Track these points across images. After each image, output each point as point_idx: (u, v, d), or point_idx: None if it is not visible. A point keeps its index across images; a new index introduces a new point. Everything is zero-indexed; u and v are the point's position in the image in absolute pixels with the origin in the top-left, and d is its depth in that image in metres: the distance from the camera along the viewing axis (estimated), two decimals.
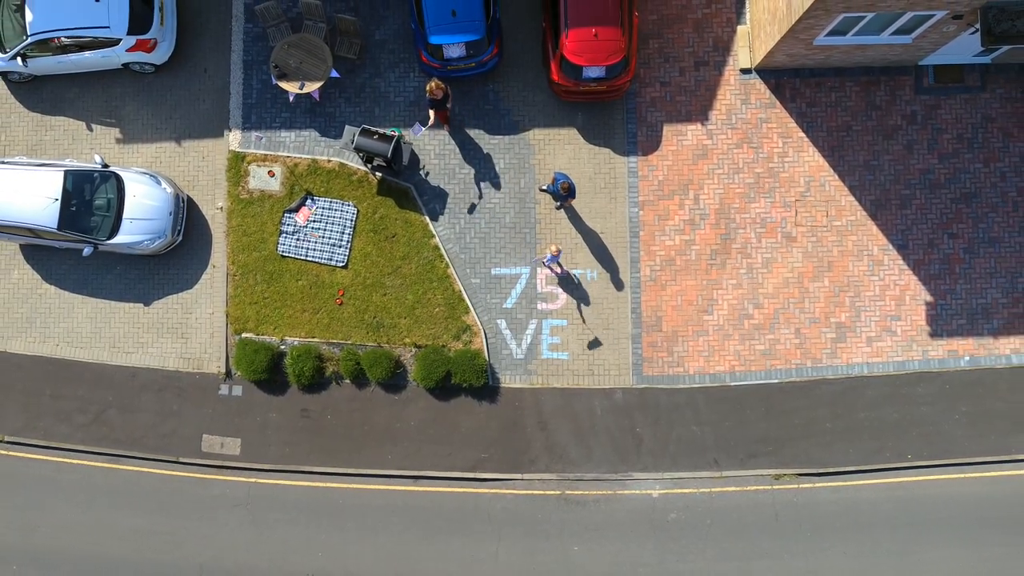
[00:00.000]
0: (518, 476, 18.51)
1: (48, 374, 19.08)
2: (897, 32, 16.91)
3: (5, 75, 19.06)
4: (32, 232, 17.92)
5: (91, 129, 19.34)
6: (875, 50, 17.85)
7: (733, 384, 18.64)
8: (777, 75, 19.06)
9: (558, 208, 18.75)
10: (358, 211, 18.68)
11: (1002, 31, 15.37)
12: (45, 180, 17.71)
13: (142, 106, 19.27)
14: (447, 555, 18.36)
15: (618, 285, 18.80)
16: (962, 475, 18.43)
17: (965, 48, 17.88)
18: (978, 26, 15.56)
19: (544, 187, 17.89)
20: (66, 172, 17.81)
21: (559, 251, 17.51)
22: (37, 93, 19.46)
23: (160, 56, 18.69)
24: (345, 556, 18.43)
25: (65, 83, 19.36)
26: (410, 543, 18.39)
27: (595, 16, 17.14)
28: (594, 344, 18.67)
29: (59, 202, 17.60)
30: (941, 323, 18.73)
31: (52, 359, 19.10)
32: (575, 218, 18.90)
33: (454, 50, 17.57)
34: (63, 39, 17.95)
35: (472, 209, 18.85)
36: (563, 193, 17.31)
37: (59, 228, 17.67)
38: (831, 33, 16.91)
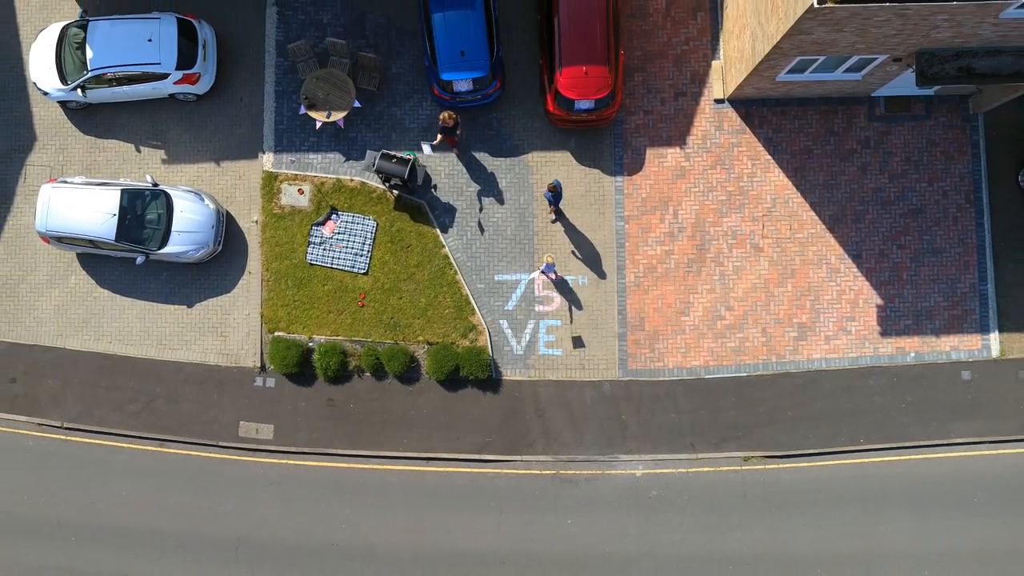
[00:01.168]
0: (518, 457, 21.00)
1: (102, 368, 21.53)
2: (848, 70, 19.43)
3: (64, 103, 21.54)
4: (92, 243, 20.39)
5: (139, 151, 21.81)
6: (831, 84, 20.37)
7: (707, 377, 21.15)
8: (747, 105, 21.57)
9: (553, 222, 21.25)
10: (377, 224, 21.18)
11: (933, 73, 17.87)
12: (104, 198, 20.18)
13: (185, 131, 21.75)
14: (455, 526, 20.82)
15: (606, 290, 21.31)
16: (907, 457, 20.94)
17: (911, 82, 20.38)
18: (914, 68, 18.09)
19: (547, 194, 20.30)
20: (122, 191, 20.29)
21: (553, 261, 20.02)
22: (92, 118, 21.92)
23: (203, 87, 21.16)
24: (366, 528, 20.88)
25: (117, 110, 21.81)
26: (423, 516, 20.85)
27: (585, 56, 19.66)
28: (584, 342, 21.16)
29: (117, 217, 20.07)
30: (890, 323, 21.25)
31: (106, 355, 21.56)
32: (569, 230, 21.41)
33: (463, 85, 20.08)
34: (119, 73, 20.43)
35: (478, 223, 21.34)
36: (549, 192, 19.74)
37: (117, 240, 20.15)
38: (791, 71, 19.42)
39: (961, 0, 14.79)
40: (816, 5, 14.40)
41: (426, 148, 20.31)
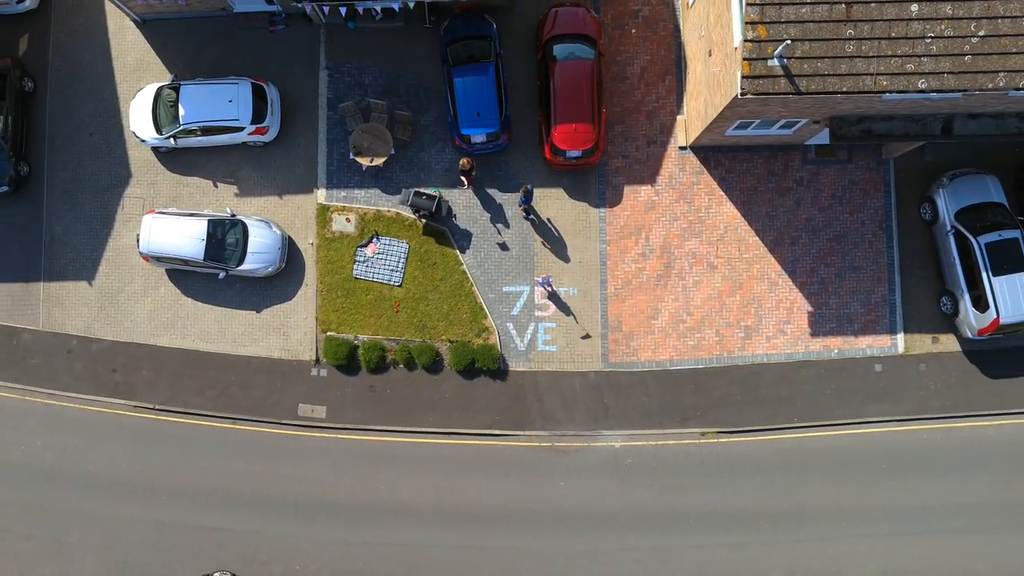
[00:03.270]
0: (521, 432, 26.24)
1: (186, 361, 26.69)
2: (781, 128, 24.78)
3: (156, 148, 26.77)
4: (184, 262, 25.62)
5: (216, 186, 27.04)
6: (770, 137, 25.71)
7: (672, 368, 26.44)
8: (704, 151, 26.89)
9: (526, 218, 26.16)
10: (409, 246, 26.46)
11: (842, 133, 23.16)
12: (194, 225, 25.43)
13: (254, 170, 26.99)
14: (470, 488, 25.99)
15: (591, 299, 26.59)
16: (831, 432, 26.20)
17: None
18: (827, 131, 23.43)
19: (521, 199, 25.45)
20: (208, 220, 25.53)
21: (548, 276, 25.33)
22: (176, 160, 27.15)
23: (269, 136, 26.41)
24: (398, 489, 26.05)
25: (197, 152, 27.03)
26: (444, 479, 26.03)
27: (575, 116, 24.99)
28: (574, 340, 26.46)
29: (204, 241, 25.32)
30: (818, 326, 26.56)
31: (189, 351, 26.75)
32: (561, 250, 26.68)
33: (478, 138, 25.39)
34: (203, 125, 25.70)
35: (489, 245, 26.62)
36: (523, 195, 24.92)
37: (204, 259, 25.40)
38: (736, 128, 24.75)
39: (823, 95, 19.97)
40: (739, 96, 19.73)
41: (458, 189, 25.56)
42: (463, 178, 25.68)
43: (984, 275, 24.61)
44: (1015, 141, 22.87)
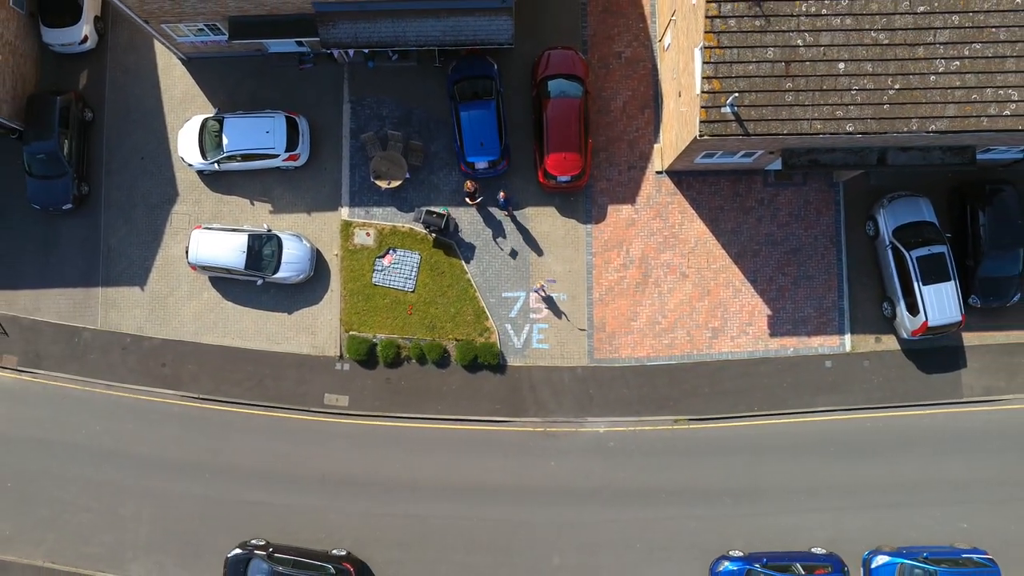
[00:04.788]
0: (517, 419, 30.21)
1: (227, 357, 30.66)
2: (743, 157, 28.75)
3: (200, 171, 30.76)
4: (226, 270, 29.61)
5: (252, 204, 31.02)
6: (734, 164, 29.66)
7: (648, 364, 30.41)
8: (678, 175, 30.86)
9: (512, 218, 30.05)
10: (421, 257, 30.44)
11: (793, 163, 27.04)
12: (236, 239, 29.42)
13: (286, 190, 30.98)
14: (472, 466, 29.91)
15: (579, 303, 30.58)
16: (786, 420, 30.12)
17: None
18: (780, 162, 27.38)
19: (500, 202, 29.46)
20: (248, 234, 29.53)
21: (542, 284, 29.35)
22: (218, 181, 31.13)
23: (300, 162, 30.39)
24: (411, 467, 29.97)
25: (236, 175, 31.01)
26: (451, 459, 29.97)
27: (565, 146, 28.95)
28: (564, 339, 30.46)
29: (245, 253, 29.31)
30: (776, 328, 30.52)
31: (230, 347, 30.72)
32: (553, 261, 30.66)
33: (481, 164, 29.38)
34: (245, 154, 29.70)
35: (490, 256, 30.62)
36: (503, 200, 28.91)
37: (245, 268, 29.39)
38: (703, 157, 28.70)
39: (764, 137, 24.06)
40: (698, 138, 23.74)
41: (464, 208, 29.64)
42: (468, 199, 29.67)
43: (916, 284, 28.58)
44: (941, 169, 26.72)
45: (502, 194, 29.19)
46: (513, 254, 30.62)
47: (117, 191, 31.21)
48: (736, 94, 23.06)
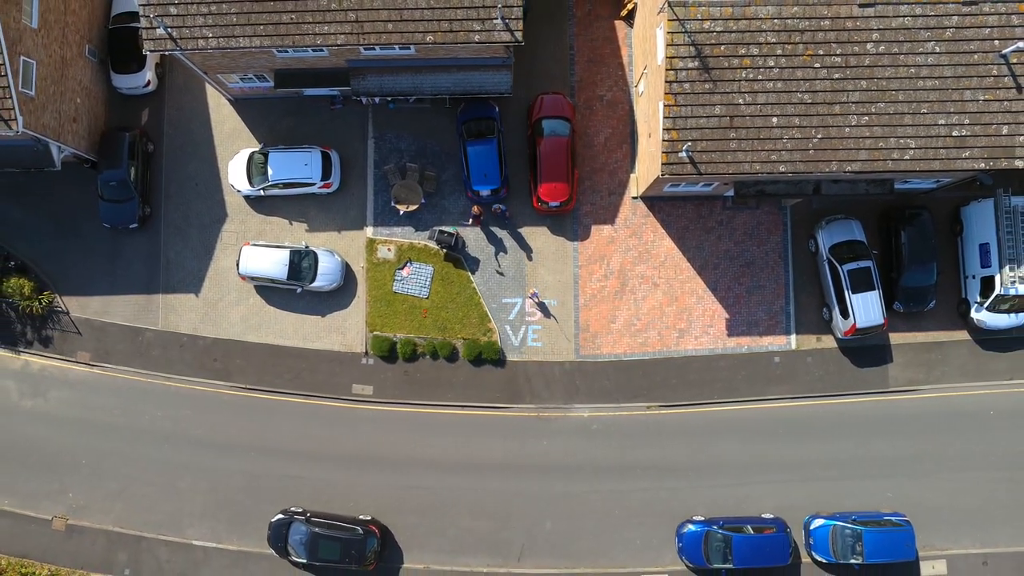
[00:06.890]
0: (515, 405, 35.72)
1: (270, 353, 36.07)
2: (703, 186, 34.37)
3: (247, 196, 36.27)
4: (270, 281, 35.11)
5: (291, 224, 36.51)
6: (697, 191, 35.24)
7: (626, 359, 36.01)
8: (651, 200, 36.48)
9: (504, 218, 35.70)
10: (434, 269, 36.02)
11: (744, 192, 32.65)
12: (279, 254, 34.94)
13: (320, 212, 36.50)
14: (477, 445, 35.40)
15: (567, 308, 36.16)
16: (741, 407, 35.67)
17: None
18: (733, 191, 33.01)
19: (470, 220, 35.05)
20: (289, 250, 35.08)
21: (535, 291, 34.98)
22: (261, 204, 36.63)
23: (332, 188, 35.89)
24: (427, 447, 35.47)
25: (277, 199, 36.49)
26: (459, 439, 35.45)
27: (556, 177, 34.53)
28: (555, 338, 36.06)
29: (287, 266, 34.84)
30: (733, 329, 36.12)
31: (271, 345, 36.17)
32: (545, 273, 36.27)
33: (485, 192, 34.97)
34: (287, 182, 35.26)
35: (492, 268, 36.23)
36: (503, 208, 34.56)
37: (287, 279, 34.91)
38: (670, 186, 34.33)
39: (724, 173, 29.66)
40: (661, 176, 29.37)
41: (470, 228, 35.31)
42: (473, 219, 35.26)
43: (847, 293, 34.24)
44: (865, 198, 32.37)
45: (500, 207, 34.75)
46: (511, 266, 36.16)
47: (175, 212, 36.62)
48: (690, 142, 28.72)
